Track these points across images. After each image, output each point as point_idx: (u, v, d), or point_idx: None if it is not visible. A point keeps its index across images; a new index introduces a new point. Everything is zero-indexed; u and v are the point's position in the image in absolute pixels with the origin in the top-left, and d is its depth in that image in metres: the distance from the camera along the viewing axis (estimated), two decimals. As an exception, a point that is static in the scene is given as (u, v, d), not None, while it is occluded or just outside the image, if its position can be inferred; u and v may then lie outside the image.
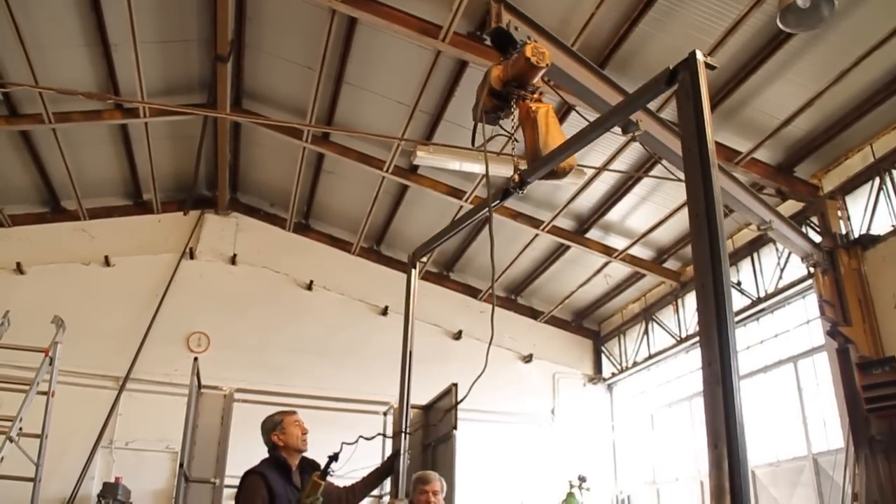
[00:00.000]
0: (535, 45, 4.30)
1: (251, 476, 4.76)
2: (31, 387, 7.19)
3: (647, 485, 14.01)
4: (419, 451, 8.44)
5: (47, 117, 10.64)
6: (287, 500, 4.72)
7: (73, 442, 11.58)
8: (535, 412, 14.64)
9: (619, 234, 12.77)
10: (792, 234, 9.24)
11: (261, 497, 4.62)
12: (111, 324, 12.80)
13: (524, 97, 4.38)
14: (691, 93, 3.07)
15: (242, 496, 4.71)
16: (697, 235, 2.80)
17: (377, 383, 12.46)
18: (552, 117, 4.40)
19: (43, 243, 13.11)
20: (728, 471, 2.31)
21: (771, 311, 11.47)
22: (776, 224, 8.56)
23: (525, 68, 4.26)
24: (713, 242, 2.70)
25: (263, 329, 13.38)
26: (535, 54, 4.24)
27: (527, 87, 4.37)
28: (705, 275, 2.64)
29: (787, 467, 10.71)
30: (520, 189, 4.23)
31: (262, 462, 4.93)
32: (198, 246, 14.05)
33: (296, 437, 5.01)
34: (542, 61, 4.25)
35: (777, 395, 11.16)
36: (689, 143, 3.03)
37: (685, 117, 3.07)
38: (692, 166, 2.95)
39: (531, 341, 15.09)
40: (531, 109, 4.36)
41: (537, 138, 4.30)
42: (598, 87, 6.70)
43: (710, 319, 2.56)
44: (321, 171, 13.03)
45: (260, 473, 4.74)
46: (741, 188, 8.27)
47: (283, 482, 4.80)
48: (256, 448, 5.13)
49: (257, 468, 4.82)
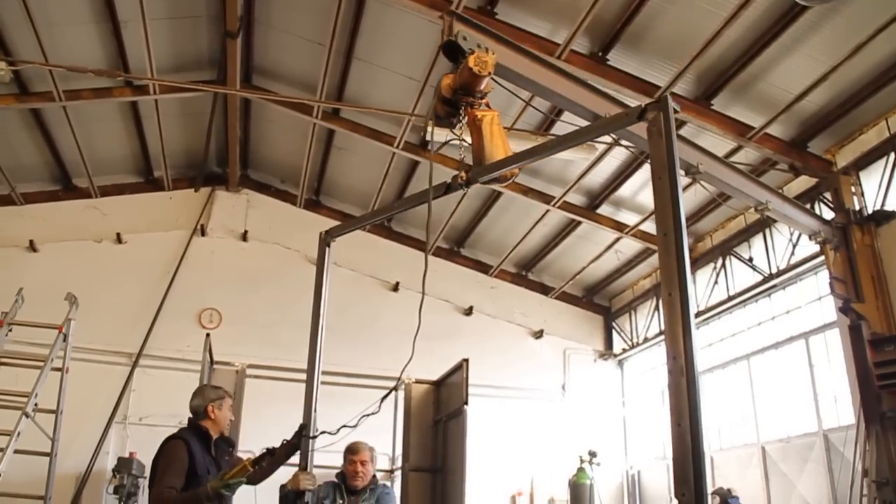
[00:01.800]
0: (478, 55, 4.50)
1: (174, 440, 4.83)
2: (45, 363, 7.24)
3: (658, 460, 14.05)
4: (430, 427, 8.48)
5: (58, 95, 10.64)
6: (205, 468, 4.80)
7: (88, 417, 11.71)
8: (546, 388, 14.67)
9: (631, 209, 12.72)
10: (796, 212, 9.09)
11: (180, 461, 4.68)
12: (124, 301, 12.90)
13: (472, 104, 4.63)
14: (663, 131, 3.34)
15: (163, 459, 4.76)
16: (665, 252, 3.16)
17: (388, 359, 12.44)
18: (496, 125, 4.65)
19: (55, 221, 13.18)
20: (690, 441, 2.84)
21: (783, 288, 11.42)
22: (775, 204, 8.41)
23: (469, 77, 4.50)
24: (679, 259, 3.07)
25: (274, 305, 13.43)
26: (477, 64, 4.45)
27: (474, 94, 4.60)
28: (672, 286, 3.06)
29: (798, 443, 10.72)
30: (465, 186, 4.48)
31: (183, 429, 5.03)
32: (209, 223, 14.09)
33: (226, 420, 5.14)
34: (483, 70, 4.45)
35: (788, 372, 11.15)
36: (659, 172, 3.34)
37: (656, 150, 3.36)
38: (662, 193, 3.29)
39: (542, 317, 15.10)
40: (476, 117, 4.62)
41: (482, 145, 4.59)
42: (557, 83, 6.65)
43: (676, 323, 3.02)
44: (332, 147, 13.01)
45: (182, 439, 4.82)
46: (734, 172, 8.13)
47: (203, 450, 4.89)
48: (269, 422, 5.18)
49: (179, 434, 4.91)
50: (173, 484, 4.58)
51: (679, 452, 2.88)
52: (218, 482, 4.50)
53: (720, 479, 11.70)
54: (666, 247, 3.16)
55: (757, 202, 8.18)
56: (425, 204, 4.63)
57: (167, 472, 4.64)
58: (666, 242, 3.16)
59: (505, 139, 4.68)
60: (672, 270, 3.08)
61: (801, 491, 10.50)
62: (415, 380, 8.62)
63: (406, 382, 8.61)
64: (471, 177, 4.45)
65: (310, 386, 5.02)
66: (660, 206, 3.29)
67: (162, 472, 4.67)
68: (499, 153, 4.59)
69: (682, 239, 3.12)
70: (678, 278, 3.05)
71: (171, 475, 4.62)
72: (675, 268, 3.07)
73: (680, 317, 3.00)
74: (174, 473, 4.63)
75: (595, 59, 9.43)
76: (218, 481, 4.51)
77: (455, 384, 7.93)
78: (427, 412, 8.47)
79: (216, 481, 4.52)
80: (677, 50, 9.13)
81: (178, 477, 4.62)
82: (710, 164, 7.49)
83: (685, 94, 9.74)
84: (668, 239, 3.16)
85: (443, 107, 4.72)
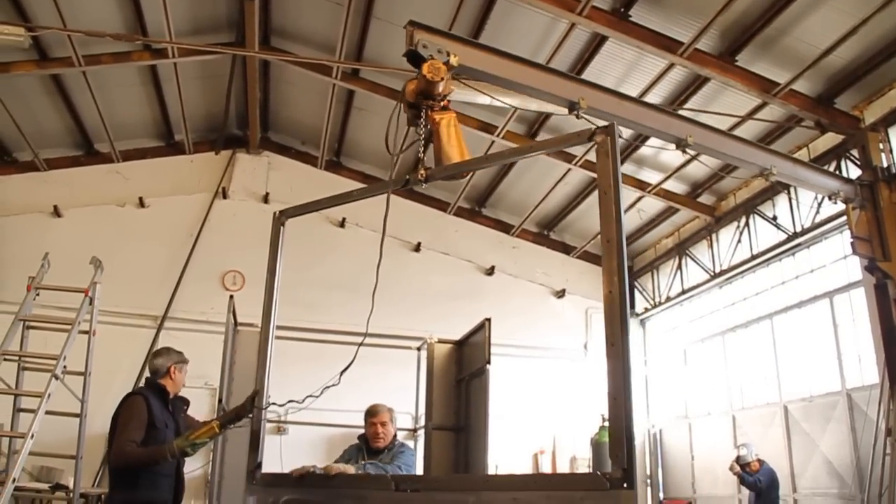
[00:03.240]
0: (431, 63, 4.98)
1: (134, 397, 5.13)
2: (72, 326, 7.33)
3: (679, 419, 14.10)
4: (452, 386, 8.53)
5: (77, 60, 10.65)
6: (163, 422, 5.05)
7: (116, 379, 11.87)
8: (569, 347, 14.71)
9: (653, 168, 12.60)
10: (810, 174, 8.81)
11: (139, 416, 4.91)
12: (148, 264, 13.04)
13: (431, 107, 4.98)
14: (610, 152, 3.81)
15: (123, 414, 4.97)
16: (608, 256, 3.62)
17: (410, 319, 12.60)
18: (453, 127, 5.03)
19: (78, 186, 13.29)
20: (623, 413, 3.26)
21: (807, 247, 11.31)
22: (783, 168, 8.16)
23: (425, 83, 4.91)
24: (619, 262, 3.55)
25: (297, 266, 13.40)
26: (430, 71, 4.91)
27: (433, 97, 4.97)
28: (612, 285, 3.52)
29: (821, 402, 10.70)
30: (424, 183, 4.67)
31: (143, 386, 5.36)
32: (230, 185, 14.15)
33: (181, 384, 5.44)
34: (436, 76, 4.89)
35: (811, 331, 11.08)
36: (605, 188, 3.82)
37: (603, 168, 3.86)
38: (607, 206, 3.77)
39: (564, 276, 15.09)
40: (434, 120, 4.99)
41: (440, 146, 4.98)
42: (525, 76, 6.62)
43: (616, 315, 3.45)
44: (352, 108, 12.95)
45: (141, 395, 5.10)
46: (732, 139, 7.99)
47: (161, 406, 5.14)
48: (293, 382, 5.24)
49: (138, 391, 5.24)
50: (133, 438, 4.81)
51: (615, 421, 3.31)
52: (183, 441, 4.68)
53: (742, 438, 11.74)
54: (608, 252, 3.64)
55: (761, 168, 7.97)
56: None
57: (127, 427, 4.86)
58: (609, 248, 3.65)
59: (461, 140, 5.02)
60: (613, 271, 3.55)
61: (823, 450, 10.51)
62: (437, 339, 8.65)
63: (429, 342, 8.66)
64: (429, 175, 4.65)
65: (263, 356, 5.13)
66: (605, 217, 3.76)
67: (122, 427, 4.88)
68: (454, 154, 4.96)
69: (622, 246, 3.61)
70: (618, 279, 3.51)
71: (131, 429, 4.84)
72: (615, 269, 3.55)
73: (619, 312, 3.45)
74: (134, 428, 4.85)
75: (617, 16, 9.29)
76: (184, 440, 4.68)
77: (477, 344, 7.94)
78: (449, 371, 8.50)
79: (182, 440, 4.70)
80: (701, 5, 8.96)
81: (137, 431, 4.85)
82: (702, 135, 7.38)
83: (709, 49, 9.58)
84: (611, 245, 3.65)
85: (409, 110, 5.07)
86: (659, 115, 7.43)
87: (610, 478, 3.21)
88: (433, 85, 4.92)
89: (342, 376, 5.07)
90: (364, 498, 4.36)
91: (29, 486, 8.98)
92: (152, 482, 4.90)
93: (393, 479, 4.23)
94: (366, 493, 4.41)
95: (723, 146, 7.80)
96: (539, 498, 3.56)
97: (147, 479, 4.87)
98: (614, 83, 10.62)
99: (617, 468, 3.19)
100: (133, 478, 4.85)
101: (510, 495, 3.67)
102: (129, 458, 4.81)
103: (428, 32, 5.53)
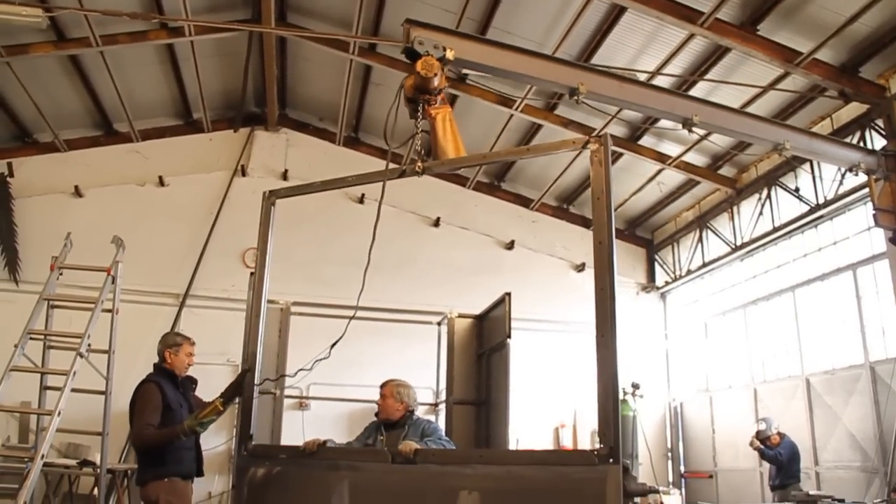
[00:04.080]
0: (425, 60, 5.25)
1: (147, 384, 5.47)
2: (96, 305, 7.39)
3: (700, 392, 14.08)
4: (473, 360, 8.54)
5: (94, 40, 10.68)
6: (177, 402, 5.49)
7: (139, 356, 11.92)
8: (589, 321, 14.46)
9: (673, 140, 12.48)
10: (828, 146, 8.65)
11: (154, 401, 5.34)
12: (168, 242, 13.13)
13: (428, 101, 5.27)
14: (603, 161, 4.09)
15: (139, 401, 5.40)
16: (599, 257, 3.99)
17: (430, 294, 12.63)
18: (448, 121, 5.30)
19: (98, 166, 13.38)
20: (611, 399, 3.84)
21: (830, 219, 11.19)
22: (798, 142, 8.01)
23: (420, 79, 5.20)
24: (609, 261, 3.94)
25: (317, 243, 13.55)
26: (424, 67, 5.20)
27: (429, 91, 5.25)
28: (603, 280, 3.94)
29: (843, 375, 10.63)
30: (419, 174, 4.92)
31: (154, 372, 5.67)
32: (249, 163, 14.18)
33: (182, 365, 5.77)
34: (430, 72, 5.18)
35: (834, 304, 10.99)
36: (598, 193, 4.10)
37: (596, 175, 4.14)
38: (599, 210, 4.06)
39: (584, 250, 14.97)
40: (431, 115, 5.26)
41: (435, 141, 5.27)
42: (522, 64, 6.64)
43: (605, 310, 3.91)
44: (369, 84, 12.90)
45: (155, 382, 5.47)
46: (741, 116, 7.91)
47: (173, 388, 5.57)
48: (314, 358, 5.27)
49: (152, 377, 5.55)
50: (150, 421, 5.26)
51: (603, 405, 3.85)
52: (193, 420, 5.04)
53: (763, 411, 11.71)
54: (600, 253, 3.99)
55: (774, 143, 7.86)
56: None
57: (143, 412, 5.31)
58: (601, 250, 3.99)
59: (456, 134, 5.30)
60: (604, 269, 3.95)
61: (845, 423, 10.46)
62: (457, 314, 8.66)
63: (449, 317, 8.67)
64: (425, 167, 4.90)
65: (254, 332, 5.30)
66: (598, 220, 4.06)
67: (139, 413, 5.34)
68: (449, 148, 5.24)
69: (612, 245, 3.96)
70: (608, 277, 3.93)
71: (147, 414, 5.29)
72: (605, 266, 3.95)
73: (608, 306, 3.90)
74: (149, 412, 5.29)
75: (638, -14, 9.17)
76: (193, 420, 5.05)
77: (498, 318, 7.94)
78: (470, 346, 8.52)
79: (191, 420, 5.06)
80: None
81: (153, 415, 5.29)
82: (708, 113, 7.31)
83: (729, 19, 9.43)
84: (602, 247, 3.99)
85: (408, 104, 5.33)
86: (662, 95, 7.38)
87: (598, 454, 3.68)
88: (428, 80, 5.20)
89: (362, 353, 5.16)
90: (360, 469, 4.51)
91: (57, 462, 9.12)
92: (177, 457, 5.32)
93: (389, 453, 4.36)
94: (362, 465, 4.58)
95: (731, 123, 7.72)
96: (532, 471, 3.90)
97: (172, 455, 5.29)
98: (633, 55, 10.52)
99: (605, 446, 3.68)
100: (160, 455, 5.27)
101: (505, 469, 4.03)
102: (147, 440, 5.28)
103: (424, 29, 5.71)
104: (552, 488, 3.77)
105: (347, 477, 4.44)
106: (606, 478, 3.59)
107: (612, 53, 10.49)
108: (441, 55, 5.46)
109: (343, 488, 4.42)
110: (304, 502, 4.57)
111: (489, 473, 4.00)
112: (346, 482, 4.42)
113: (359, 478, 4.43)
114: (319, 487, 4.54)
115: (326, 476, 4.50)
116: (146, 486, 5.37)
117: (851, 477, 10.17)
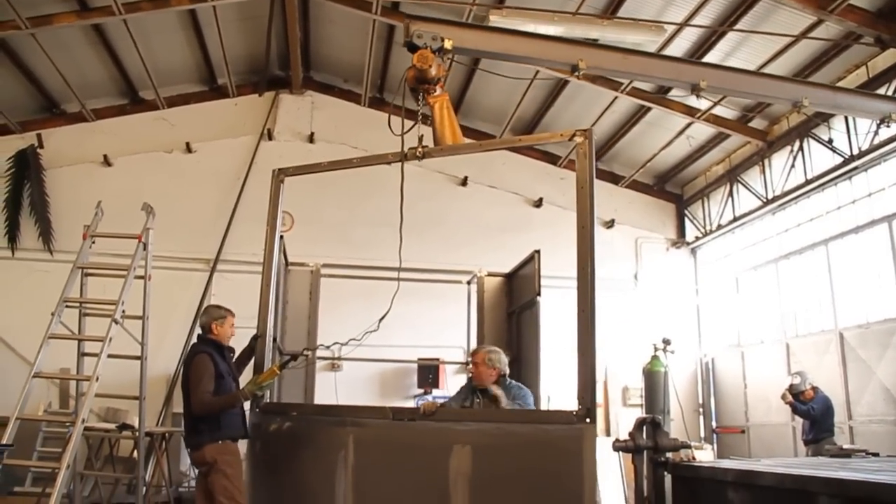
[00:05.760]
0: (421, 52, 5.66)
1: (201, 355, 5.82)
2: (128, 272, 7.48)
3: (732, 347, 14.02)
4: (504, 319, 8.56)
5: (117, 8, 10.66)
6: (226, 370, 5.87)
7: (172, 322, 12.21)
8: (619, 277, 14.60)
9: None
10: (854, 99, 8.39)
11: (209, 370, 5.70)
12: (197, 208, 13.24)
13: (427, 91, 5.69)
14: (588, 153, 4.60)
15: (195, 371, 5.74)
16: (581, 240, 4.47)
17: (459, 253, 12.63)
18: (446, 109, 5.72)
19: (126, 135, 13.48)
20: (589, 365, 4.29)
21: (864, 170, 10.96)
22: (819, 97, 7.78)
23: (417, 70, 5.60)
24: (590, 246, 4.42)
25: (345, 205, 13.59)
26: (419, 60, 5.59)
27: (428, 81, 5.66)
28: (584, 265, 4.42)
29: (878, 329, 10.51)
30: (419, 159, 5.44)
31: (203, 343, 6.05)
32: (275, 127, 14.19)
33: (227, 335, 6.14)
34: (425, 63, 5.57)
35: (868, 256, 10.82)
36: (581, 182, 4.58)
37: (581, 167, 4.64)
38: (583, 199, 4.54)
39: (613, 206, 14.90)
40: (430, 103, 5.68)
41: (434, 128, 5.69)
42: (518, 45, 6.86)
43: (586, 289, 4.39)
44: (392, 44, 12.78)
45: (207, 353, 5.83)
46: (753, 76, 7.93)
47: (220, 357, 5.92)
48: (345, 318, 5.37)
49: (203, 348, 5.92)
50: (208, 389, 5.63)
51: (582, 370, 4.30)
52: (252, 385, 5.43)
53: (796, 366, 11.63)
54: (583, 237, 4.46)
55: (792, 101, 7.66)
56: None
57: (201, 381, 5.65)
58: (583, 234, 4.46)
59: (453, 121, 5.73)
60: (586, 254, 4.42)
61: (880, 377, 10.36)
62: (487, 273, 8.67)
63: (478, 276, 8.68)
64: (425, 152, 5.41)
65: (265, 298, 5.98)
66: (581, 208, 4.51)
67: (196, 381, 5.67)
68: (447, 135, 5.68)
69: (593, 233, 4.43)
70: (589, 260, 4.41)
71: (204, 383, 5.65)
72: (587, 251, 4.42)
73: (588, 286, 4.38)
74: (206, 381, 5.66)
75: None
76: (253, 384, 5.43)
77: (527, 276, 7.95)
78: (500, 304, 8.55)
79: (251, 385, 5.44)
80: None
81: (209, 383, 5.66)
82: (717, 77, 7.21)
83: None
84: (585, 231, 4.46)
85: (412, 93, 5.72)
86: (667, 63, 7.32)
87: (577, 414, 4.20)
88: (425, 72, 5.58)
89: (391, 313, 5.20)
90: (362, 425, 4.91)
91: (97, 426, 9.34)
92: (230, 421, 5.74)
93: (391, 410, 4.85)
94: (364, 421, 4.96)
95: (742, 85, 7.61)
96: (520, 428, 4.47)
97: (226, 419, 5.72)
98: (661, 7, 10.31)
99: (582, 407, 4.19)
100: (215, 420, 5.68)
101: (495, 426, 4.52)
102: (211, 406, 5.63)
103: (422, 22, 6.05)
104: (536, 442, 4.29)
105: (352, 432, 4.84)
106: (583, 435, 4.15)
107: (639, 6, 10.29)
108: (439, 46, 5.85)
109: (348, 441, 4.82)
110: (312, 453, 5.10)
111: (481, 429, 4.47)
112: (350, 436, 4.83)
113: (362, 433, 4.83)
114: (326, 440, 5.03)
115: (332, 430, 4.98)
116: (201, 448, 5.70)
117: (886, 431, 10.10)
